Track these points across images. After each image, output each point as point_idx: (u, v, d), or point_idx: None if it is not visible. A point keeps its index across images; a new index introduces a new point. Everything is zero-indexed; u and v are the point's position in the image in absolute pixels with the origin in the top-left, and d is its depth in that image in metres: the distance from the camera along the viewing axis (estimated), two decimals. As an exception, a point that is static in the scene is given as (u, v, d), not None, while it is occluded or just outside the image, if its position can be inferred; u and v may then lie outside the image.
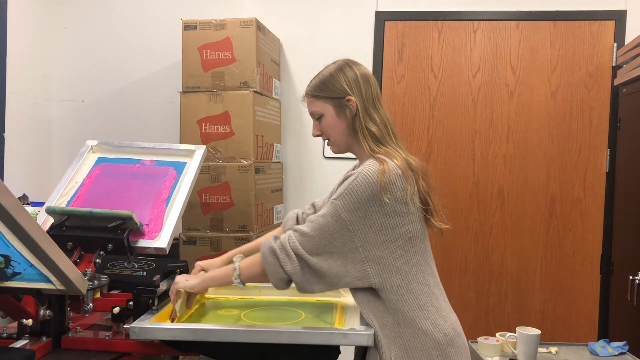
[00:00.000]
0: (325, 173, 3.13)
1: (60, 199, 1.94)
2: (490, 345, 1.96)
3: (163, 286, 1.55)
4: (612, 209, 2.87)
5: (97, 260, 1.69)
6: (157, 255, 1.80)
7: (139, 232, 1.80)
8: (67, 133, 3.29)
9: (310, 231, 1.35)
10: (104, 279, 1.56)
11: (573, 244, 2.95)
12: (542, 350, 1.98)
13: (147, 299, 1.50)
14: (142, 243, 1.79)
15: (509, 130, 2.99)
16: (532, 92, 2.97)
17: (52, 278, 1.27)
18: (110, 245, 1.72)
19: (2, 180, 1.64)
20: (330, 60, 1.52)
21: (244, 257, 1.47)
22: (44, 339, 1.41)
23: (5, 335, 1.43)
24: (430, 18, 3.03)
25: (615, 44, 2.88)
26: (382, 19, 3.07)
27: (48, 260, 1.22)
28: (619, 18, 2.88)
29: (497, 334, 2.03)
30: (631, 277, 2.27)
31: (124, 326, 1.43)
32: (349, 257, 1.34)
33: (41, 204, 2.23)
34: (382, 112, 1.47)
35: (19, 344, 1.37)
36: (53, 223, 1.76)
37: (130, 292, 1.51)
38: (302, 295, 1.74)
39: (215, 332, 1.35)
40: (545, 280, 2.98)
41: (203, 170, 2.56)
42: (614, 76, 2.85)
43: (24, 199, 2.71)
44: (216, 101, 2.61)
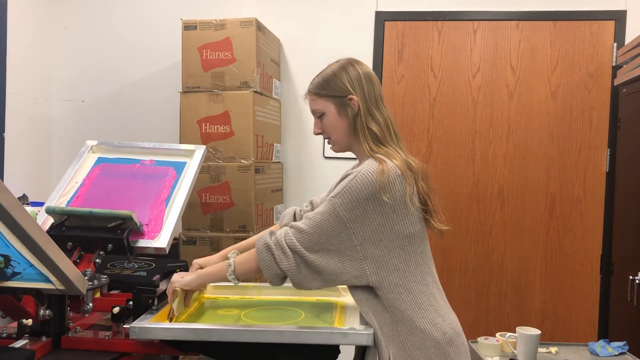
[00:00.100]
0: (325, 173, 3.13)
1: (60, 199, 1.94)
2: (490, 345, 1.96)
3: (163, 286, 1.55)
4: (612, 209, 2.87)
5: (97, 260, 1.69)
6: (157, 255, 1.80)
7: (138, 232, 1.80)
8: (67, 133, 3.29)
9: (308, 228, 1.35)
10: (104, 279, 1.56)
11: (573, 244, 2.95)
12: (542, 350, 1.98)
13: (147, 299, 1.50)
14: (142, 243, 1.80)
15: (509, 130, 2.99)
16: (532, 92, 2.97)
17: (52, 278, 1.26)
18: (110, 245, 1.72)
19: (2, 180, 1.64)
20: (330, 60, 1.52)
21: (239, 253, 1.47)
22: (44, 339, 1.41)
23: (5, 335, 1.43)
24: (430, 18, 3.03)
25: (615, 44, 2.88)
26: (382, 19, 3.07)
27: (48, 260, 1.22)
28: (619, 18, 2.88)
29: (497, 334, 2.03)
30: (631, 277, 2.27)
31: (124, 326, 1.43)
32: (347, 255, 1.34)
33: (41, 204, 2.23)
34: (385, 112, 1.46)
35: (18, 344, 1.36)
36: (53, 223, 1.76)
37: (130, 292, 1.51)
38: (302, 295, 1.74)
39: (215, 331, 1.35)
40: (545, 280, 2.98)
41: (203, 170, 2.56)
42: (614, 76, 2.85)
43: (24, 199, 2.71)
44: (216, 101, 2.61)
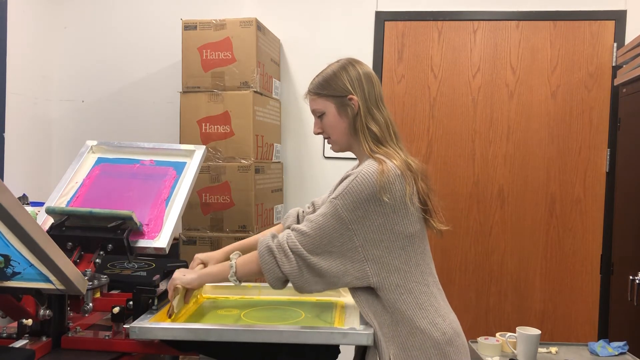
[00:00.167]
0: (325, 173, 3.13)
1: (60, 199, 1.94)
2: (490, 345, 1.96)
3: (163, 286, 1.55)
4: (612, 209, 2.87)
5: (97, 260, 1.69)
6: (157, 255, 1.80)
7: (138, 232, 1.80)
8: (67, 133, 3.29)
9: (310, 230, 1.35)
10: (104, 279, 1.56)
11: (573, 244, 2.95)
12: (542, 350, 1.98)
13: (147, 299, 1.50)
14: (142, 243, 1.80)
15: (509, 130, 2.99)
16: (532, 92, 2.97)
17: (52, 278, 1.26)
18: (110, 245, 1.72)
19: (2, 180, 1.64)
20: (330, 60, 1.52)
21: (241, 255, 1.47)
22: (44, 338, 1.41)
23: (5, 335, 1.43)
24: (430, 18, 3.03)
25: (615, 44, 2.88)
26: (382, 19, 3.07)
27: (48, 260, 1.22)
28: (619, 18, 2.88)
29: (497, 334, 2.03)
30: (631, 277, 2.27)
31: (124, 326, 1.43)
32: (348, 257, 1.34)
33: (41, 204, 2.23)
34: (385, 112, 1.46)
35: (18, 343, 1.36)
36: (53, 223, 1.76)
37: (130, 292, 1.51)
38: (302, 295, 1.73)
39: (215, 331, 1.35)
40: (545, 280, 2.98)
41: (203, 170, 2.56)
42: (614, 76, 2.85)
43: (24, 199, 2.71)
44: (216, 101, 2.61)
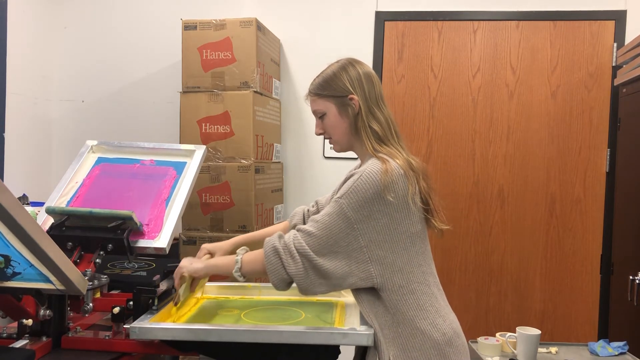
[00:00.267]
0: (326, 173, 3.13)
1: (60, 199, 1.94)
2: (490, 345, 1.96)
3: (163, 286, 1.55)
4: (612, 209, 2.87)
5: (97, 260, 1.69)
6: (157, 255, 1.80)
7: (138, 232, 1.80)
8: (67, 133, 3.29)
9: (316, 231, 1.34)
10: (104, 279, 1.56)
11: (573, 244, 2.95)
12: (542, 350, 1.98)
13: (147, 299, 1.50)
14: (142, 243, 1.79)
15: (509, 130, 2.99)
16: (532, 92, 2.97)
17: (52, 278, 1.26)
18: (110, 245, 1.72)
19: (2, 180, 1.64)
20: (330, 60, 1.52)
21: (248, 250, 1.47)
22: (44, 339, 1.41)
23: (5, 335, 1.43)
24: (430, 18, 3.03)
25: (615, 44, 2.88)
26: (382, 19, 3.07)
27: (48, 260, 1.22)
28: (619, 18, 2.88)
29: (497, 334, 2.03)
30: (631, 277, 2.27)
31: (124, 326, 1.43)
32: (354, 257, 1.34)
33: (41, 204, 2.23)
34: (386, 111, 1.46)
35: (19, 344, 1.36)
36: (53, 223, 1.76)
37: (130, 292, 1.51)
38: (302, 295, 1.74)
39: (215, 332, 1.35)
40: (545, 280, 2.98)
41: (203, 170, 2.56)
42: (614, 76, 2.85)
43: (24, 199, 2.71)
44: (216, 101, 2.61)
